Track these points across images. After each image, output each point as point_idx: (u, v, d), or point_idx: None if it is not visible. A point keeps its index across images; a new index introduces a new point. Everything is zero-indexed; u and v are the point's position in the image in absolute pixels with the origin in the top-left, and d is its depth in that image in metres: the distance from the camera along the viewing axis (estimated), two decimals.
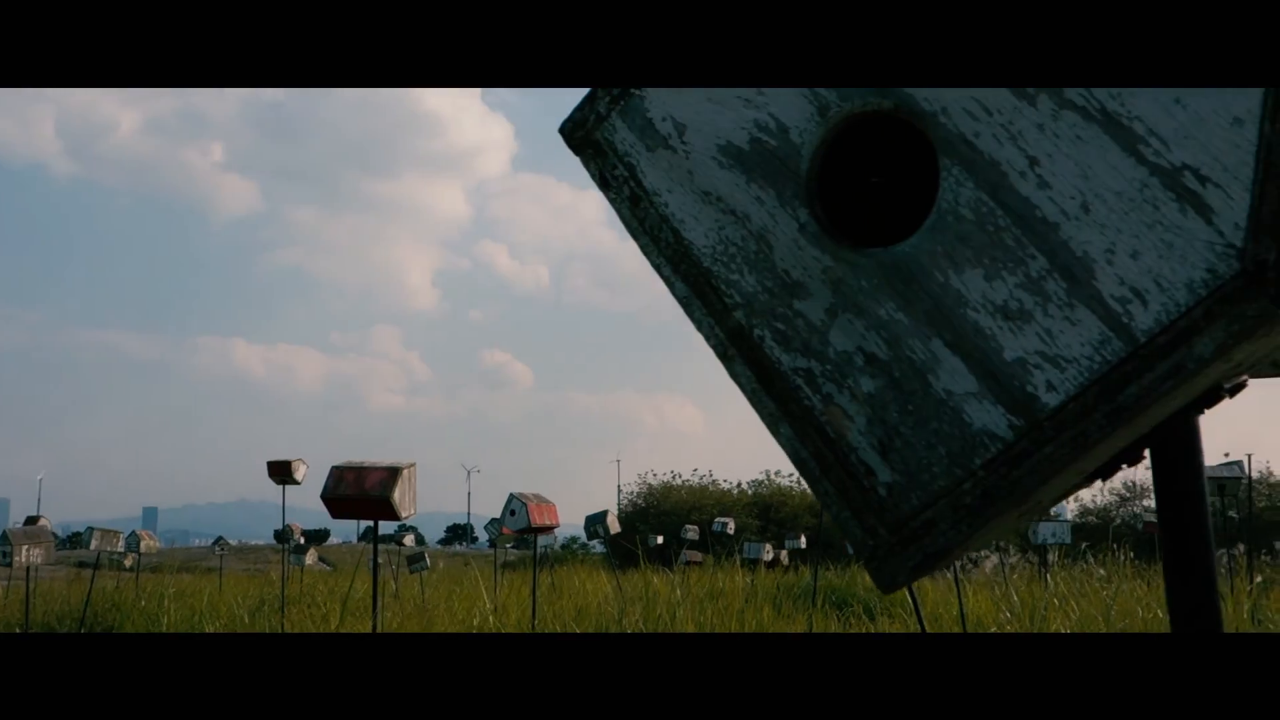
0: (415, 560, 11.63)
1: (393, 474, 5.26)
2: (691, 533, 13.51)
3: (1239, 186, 0.50)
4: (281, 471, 9.36)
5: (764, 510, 21.01)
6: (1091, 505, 19.03)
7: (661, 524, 17.33)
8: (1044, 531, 8.74)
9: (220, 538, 15.90)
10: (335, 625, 8.45)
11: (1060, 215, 0.54)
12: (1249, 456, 9.32)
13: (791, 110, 0.63)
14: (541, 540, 12.95)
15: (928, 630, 7.66)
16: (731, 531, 12.89)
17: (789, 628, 7.62)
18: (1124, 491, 18.30)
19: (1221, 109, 0.50)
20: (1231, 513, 16.45)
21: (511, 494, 7.57)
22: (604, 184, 0.68)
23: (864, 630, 8.64)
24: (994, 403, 0.56)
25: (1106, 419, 0.53)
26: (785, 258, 0.62)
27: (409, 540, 16.54)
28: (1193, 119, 0.51)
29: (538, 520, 7.51)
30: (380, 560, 16.65)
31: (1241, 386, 0.75)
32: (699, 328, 0.65)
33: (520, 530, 7.65)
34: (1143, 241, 0.52)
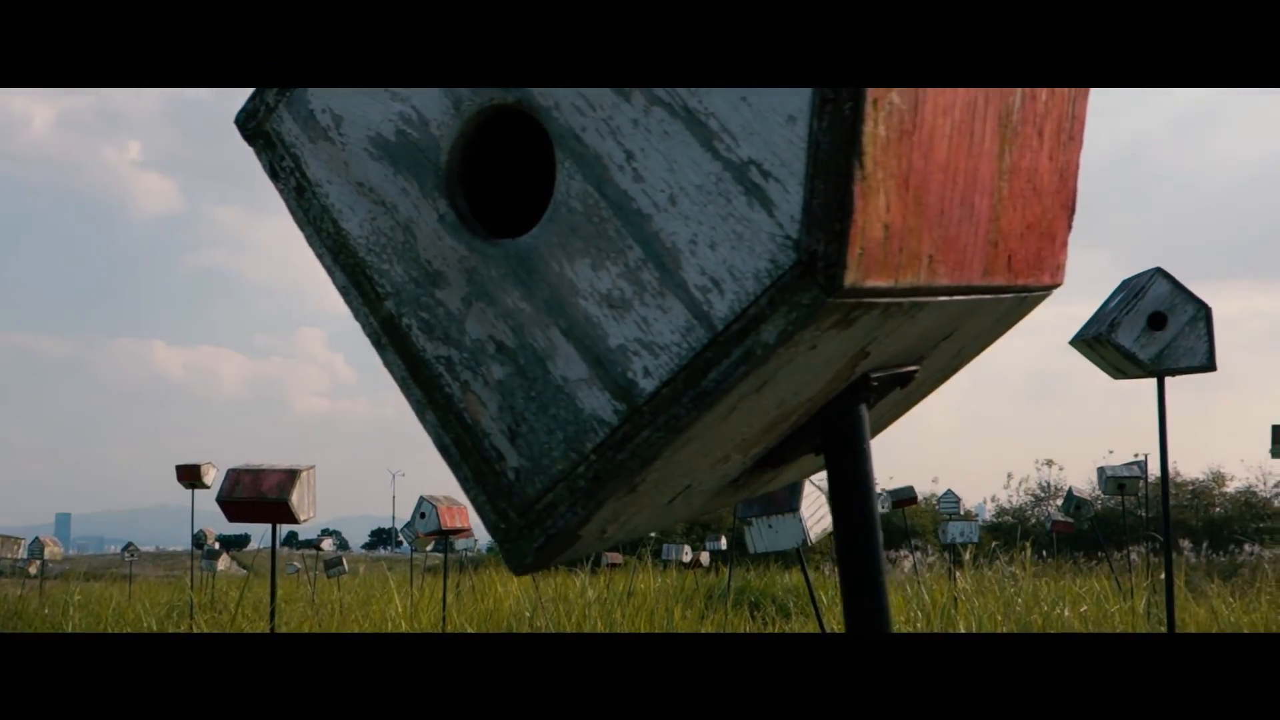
0: (333, 565, 11.49)
1: (290, 476, 5.19)
2: None
3: (794, 181, 0.52)
4: (191, 476, 9.19)
5: None
6: (1008, 505, 19.46)
7: None
8: (952, 531, 8.91)
9: (130, 543, 15.53)
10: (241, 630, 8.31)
11: (653, 207, 0.56)
12: (1146, 457, 9.58)
13: (431, 103, 0.64)
14: (462, 543, 12.86)
15: (833, 630, 7.76)
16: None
17: (696, 628, 7.67)
18: (1039, 492, 18.72)
19: (779, 106, 0.53)
20: (1141, 511, 16.92)
21: (422, 496, 7.52)
22: (273, 175, 0.69)
23: (776, 629, 8.73)
24: (601, 389, 0.58)
25: (693, 403, 0.56)
26: (427, 248, 0.64)
27: (327, 545, 16.33)
28: (756, 115, 0.53)
29: (449, 523, 7.47)
30: (299, 565, 16.39)
31: (909, 377, 0.78)
32: (356, 317, 0.66)
33: (431, 533, 7.60)
34: (719, 233, 0.54)
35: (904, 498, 10.70)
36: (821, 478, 5.77)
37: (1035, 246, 0.78)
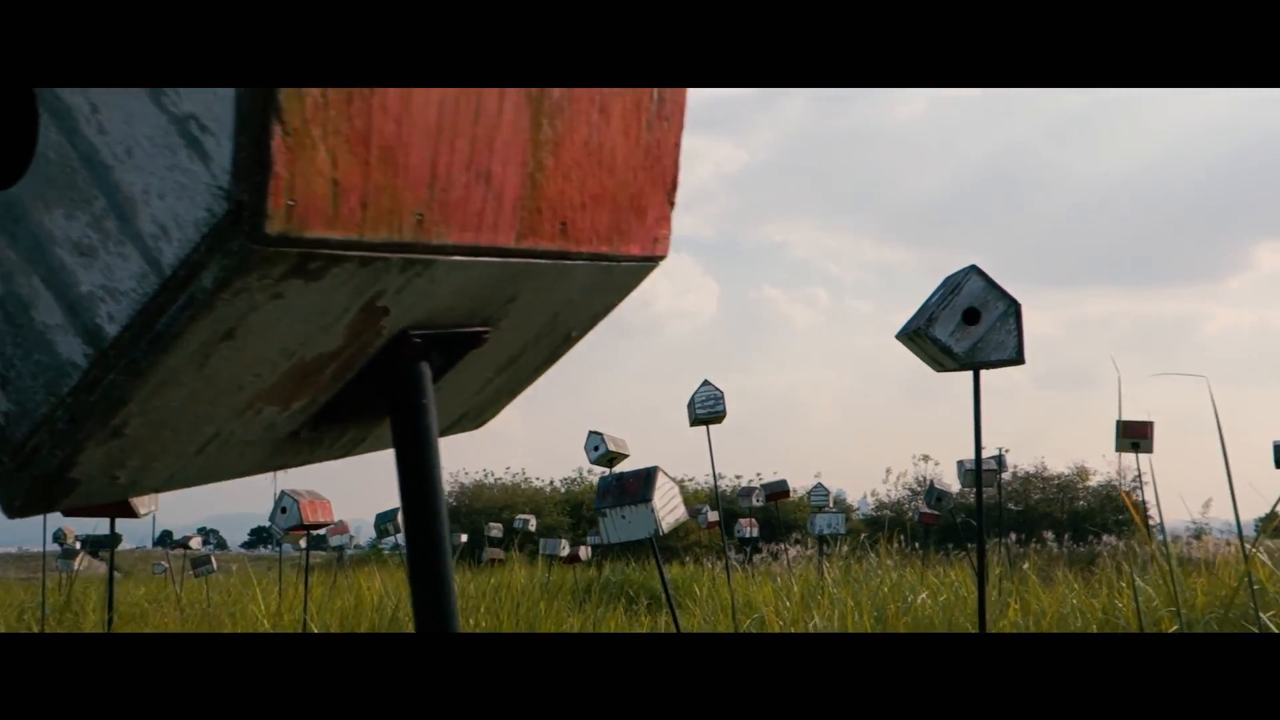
0: (200, 563, 11.20)
1: None
2: (495, 530, 13.49)
3: (226, 135, 0.55)
4: None
5: (575, 508, 21.16)
6: (887, 499, 20.00)
7: (473, 523, 17.23)
8: (820, 523, 9.12)
9: None
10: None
11: (114, 159, 0.58)
12: (1005, 451, 9.94)
13: None
14: (336, 540, 12.65)
15: (686, 622, 7.85)
16: (533, 528, 12.93)
17: (561, 624, 7.70)
18: (915, 486, 19.26)
19: None
20: (1013, 504, 17.52)
21: (283, 491, 7.39)
22: None
23: (648, 623, 8.82)
24: (75, 334, 0.60)
25: (149, 347, 0.58)
26: None
27: (196, 543, 15.90)
28: None
29: (310, 517, 7.34)
30: (166, 565, 15.84)
31: (477, 338, 0.81)
32: None
33: (293, 528, 7.47)
34: (167, 183, 0.57)
35: (777, 491, 10.90)
36: (675, 469, 5.86)
37: (609, 217, 0.82)
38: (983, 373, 3.92)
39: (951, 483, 13.60)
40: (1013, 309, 3.68)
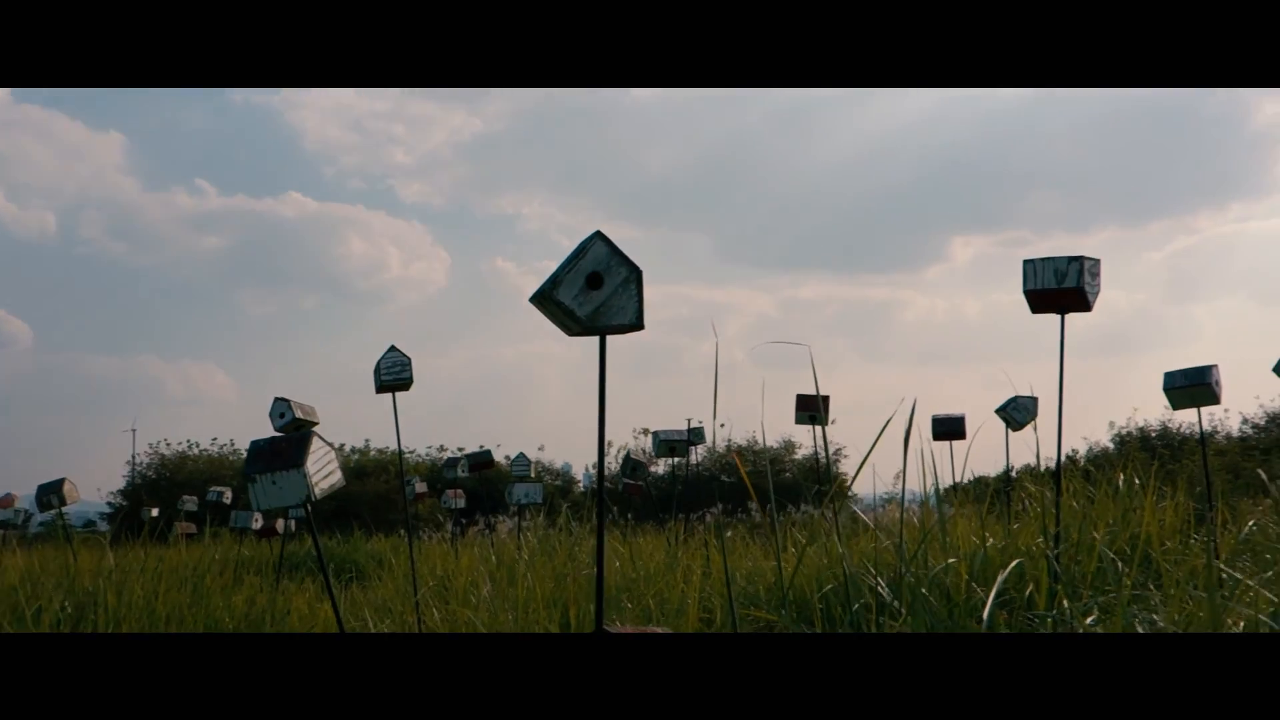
0: None
1: None
2: (190, 504, 12.70)
3: None
4: None
5: None
6: (608, 472, 20.30)
7: (174, 496, 16.20)
8: (518, 493, 9.09)
9: None
10: None
11: None
12: (701, 422, 10.28)
13: None
14: (2, 513, 11.56)
15: (417, 587, 7.66)
16: (228, 501, 12.26)
17: (228, 600, 7.31)
18: (635, 459, 19.66)
19: None
20: (724, 476, 18.27)
21: None
22: None
23: (340, 597, 8.52)
24: None
25: None
26: None
27: None
28: None
29: None
30: None
31: None
32: None
33: None
34: None
35: (481, 461, 10.81)
36: (329, 433, 5.61)
37: None
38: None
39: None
40: (634, 275, 3.71)
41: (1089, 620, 3.88)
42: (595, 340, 3.44)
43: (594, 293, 3.83)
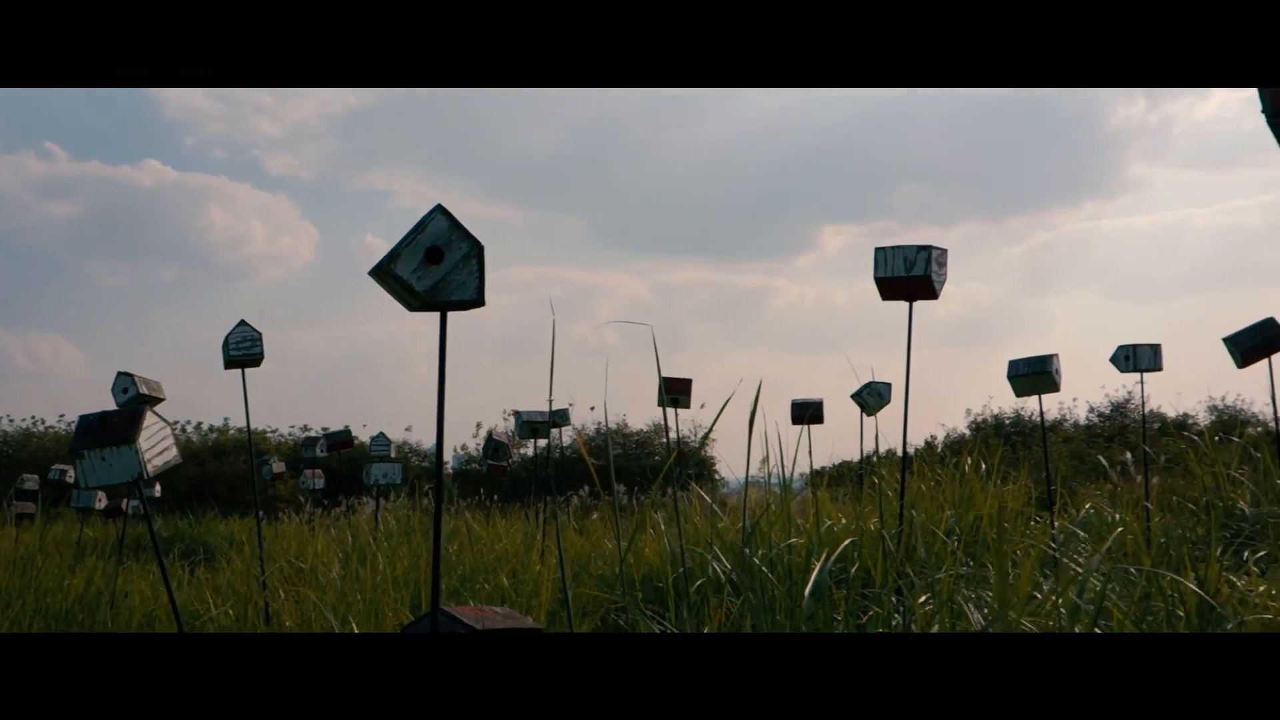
0: None
1: None
2: (30, 482, 12.05)
3: None
4: None
5: None
6: (476, 453, 20.14)
7: (15, 475, 15.35)
8: (375, 473, 8.89)
9: None
10: None
11: None
12: (571, 404, 10.25)
13: None
14: None
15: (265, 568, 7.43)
16: (71, 480, 11.67)
17: (61, 583, 6.96)
18: (502, 439, 19.52)
19: None
20: (593, 459, 18.26)
21: None
22: None
23: (184, 575, 8.23)
24: None
25: None
26: None
27: None
28: None
29: None
30: None
31: None
32: None
33: None
34: None
35: (340, 440, 10.56)
36: (165, 408, 5.38)
37: None
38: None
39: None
40: (475, 251, 3.63)
41: (921, 600, 3.99)
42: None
43: (433, 267, 3.74)
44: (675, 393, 8.02)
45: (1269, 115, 1.45)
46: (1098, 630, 3.04)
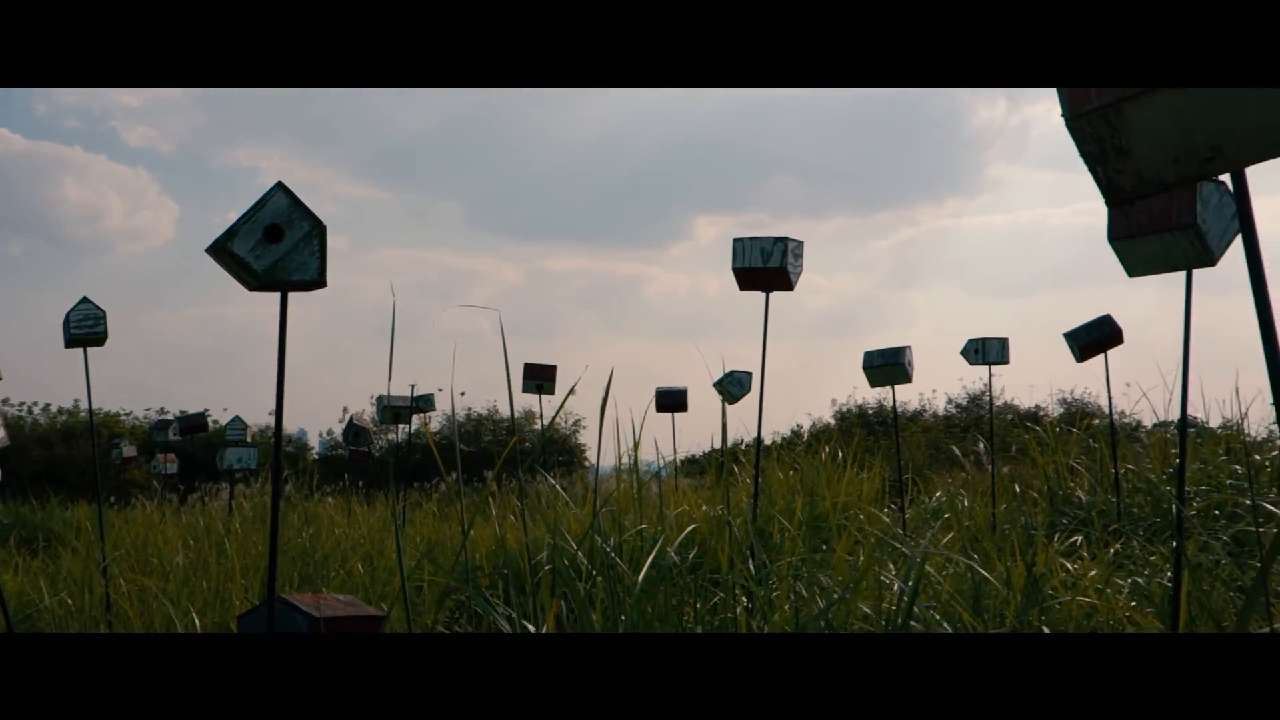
0: None
1: None
2: None
3: None
4: None
5: None
6: (341, 439, 19.74)
7: None
8: (230, 457, 8.61)
9: None
10: None
11: None
12: (441, 389, 10.10)
13: None
14: None
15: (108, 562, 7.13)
16: None
17: None
18: (372, 425, 19.14)
19: None
20: (464, 446, 18.09)
21: None
22: None
23: (22, 565, 7.83)
24: None
25: None
26: None
27: None
28: None
29: None
30: None
31: None
32: None
33: None
34: None
35: (193, 424, 10.20)
36: (9, 388, 5.06)
37: None
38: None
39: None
40: (317, 230, 3.53)
41: (770, 584, 4.06)
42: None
43: (273, 246, 3.62)
44: (538, 379, 7.97)
45: (1068, 117, 1.50)
46: (916, 610, 3.14)
